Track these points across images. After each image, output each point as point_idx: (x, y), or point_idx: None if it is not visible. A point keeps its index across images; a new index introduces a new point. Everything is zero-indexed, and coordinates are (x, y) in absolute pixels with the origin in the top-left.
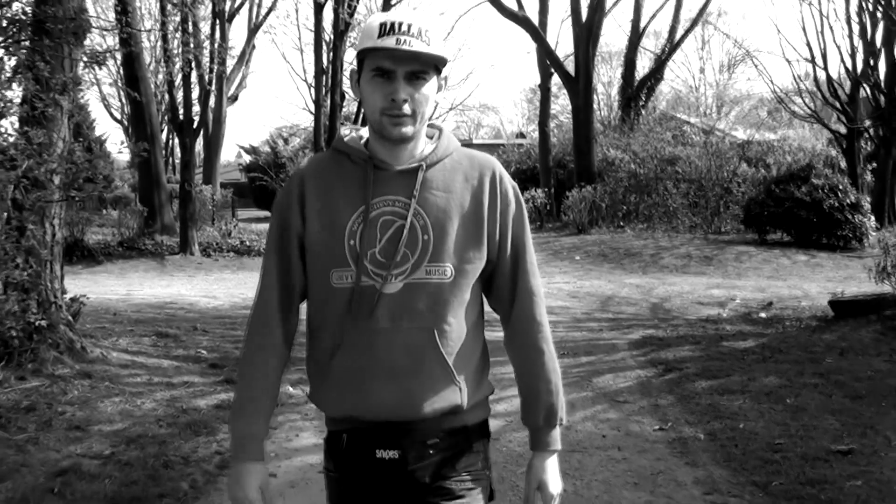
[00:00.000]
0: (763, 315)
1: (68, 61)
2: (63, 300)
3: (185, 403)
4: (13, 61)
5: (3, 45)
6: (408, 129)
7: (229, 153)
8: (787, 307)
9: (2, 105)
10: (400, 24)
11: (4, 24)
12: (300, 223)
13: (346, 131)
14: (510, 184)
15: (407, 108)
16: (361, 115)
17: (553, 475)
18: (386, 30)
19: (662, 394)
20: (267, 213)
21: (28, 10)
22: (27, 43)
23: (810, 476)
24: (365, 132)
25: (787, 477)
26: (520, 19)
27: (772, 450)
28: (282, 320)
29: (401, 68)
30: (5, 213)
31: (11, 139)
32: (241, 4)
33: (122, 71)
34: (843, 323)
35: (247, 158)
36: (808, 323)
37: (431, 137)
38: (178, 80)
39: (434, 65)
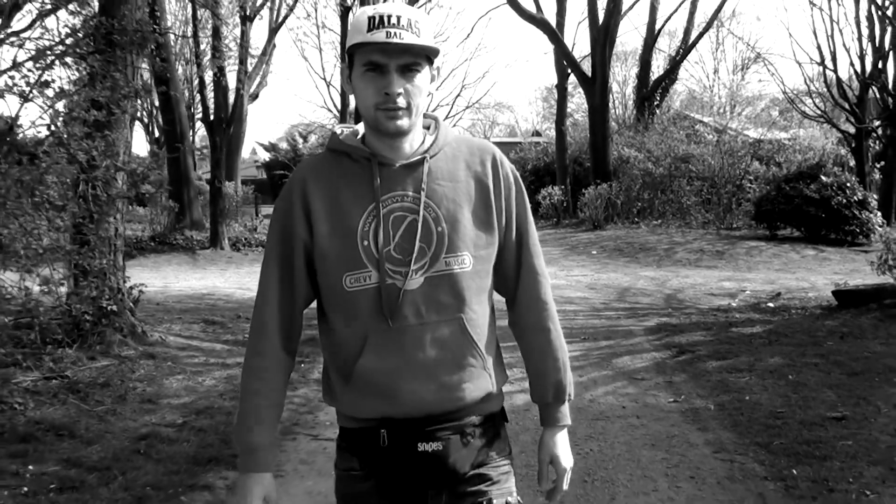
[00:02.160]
0: (771, 305)
1: (131, 69)
2: (126, 288)
3: None
4: (82, 70)
5: (79, 54)
6: (403, 122)
7: (245, 150)
8: (794, 297)
9: (79, 111)
10: (389, 17)
11: (81, 35)
12: (305, 229)
13: (338, 130)
14: (510, 167)
15: (401, 101)
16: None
17: (564, 449)
18: (375, 23)
19: (676, 372)
20: None
21: (98, 21)
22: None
23: (807, 437)
24: (360, 128)
25: (787, 438)
26: (538, 21)
27: (773, 417)
28: (282, 331)
29: (393, 61)
30: (79, 208)
31: (90, 143)
32: (262, 5)
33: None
34: (845, 311)
35: (263, 155)
36: (813, 311)
37: (428, 128)
38: (209, 80)
39: (426, 55)
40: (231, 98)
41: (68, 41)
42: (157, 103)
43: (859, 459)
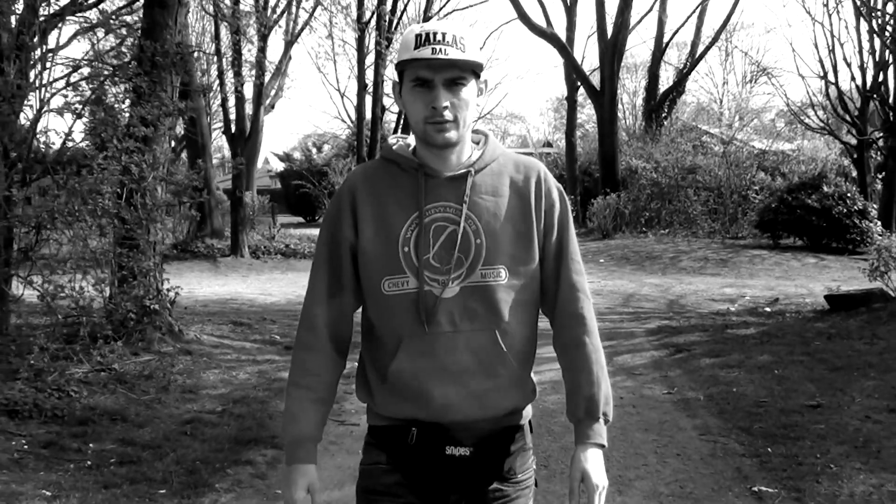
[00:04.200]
0: (768, 309)
1: (170, 88)
2: (164, 290)
3: (272, 375)
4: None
5: (128, 75)
6: (451, 135)
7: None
8: (791, 303)
9: (126, 127)
10: (435, 34)
11: (127, 57)
12: (352, 232)
13: (392, 140)
14: (554, 184)
15: (448, 115)
16: (402, 124)
17: (596, 467)
18: (422, 41)
19: (672, 369)
20: (301, 220)
21: (143, 44)
22: (144, 76)
23: (784, 422)
24: (412, 140)
25: (766, 423)
26: (548, 36)
27: (756, 405)
28: (331, 329)
29: (439, 76)
30: (130, 215)
31: (140, 156)
32: (279, 18)
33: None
34: (836, 314)
35: (276, 166)
36: (806, 315)
37: (477, 143)
38: (229, 94)
39: (471, 70)
40: (249, 110)
41: (112, 62)
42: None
43: (828, 440)
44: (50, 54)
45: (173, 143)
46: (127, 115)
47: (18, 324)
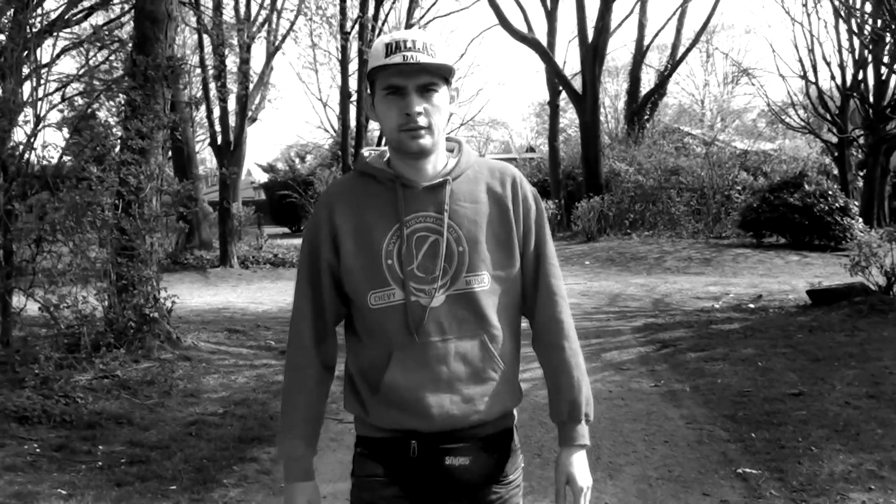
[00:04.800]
0: (752, 306)
1: (162, 101)
2: (162, 298)
3: (270, 378)
4: (118, 101)
5: (124, 89)
6: (426, 141)
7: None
8: (774, 299)
9: (122, 140)
10: (405, 42)
11: (120, 72)
12: (330, 250)
13: (366, 152)
14: (530, 189)
15: (422, 121)
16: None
17: (581, 469)
18: (392, 49)
19: (658, 363)
20: (286, 230)
21: (135, 58)
22: (139, 89)
23: (767, 410)
24: (387, 151)
25: (750, 411)
26: (529, 41)
27: (740, 395)
28: (317, 346)
29: (411, 82)
30: (130, 226)
31: (137, 168)
32: (260, 28)
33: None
34: (817, 309)
35: (259, 176)
36: (789, 310)
37: (452, 151)
38: (215, 106)
39: (442, 75)
40: (233, 122)
41: (103, 76)
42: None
43: (810, 425)
44: (44, 70)
45: (170, 154)
46: (119, 129)
47: (21, 335)
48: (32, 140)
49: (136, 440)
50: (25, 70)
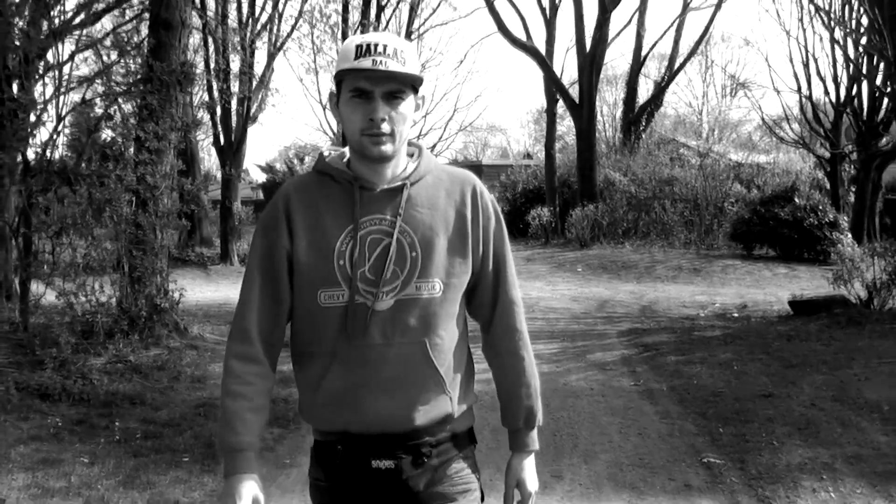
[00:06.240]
0: (735, 314)
1: (176, 104)
2: (170, 290)
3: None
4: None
5: (141, 93)
6: (387, 148)
7: None
8: (758, 309)
9: (139, 140)
10: (376, 45)
11: (139, 76)
12: (288, 241)
13: (326, 152)
14: (489, 198)
15: (386, 128)
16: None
17: (531, 474)
18: (362, 51)
19: (639, 364)
20: None
21: (152, 63)
22: (155, 94)
23: (737, 408)
24: (347, 152)
25: (720, 409)
26: (528, 49)
27: (713, 395)
28: (263, 338)
29: (378, 88)
30: (146, 221)
31: (154, 167)
32: (261, 31)
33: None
34: (798, 319)
35: (257, 176)
36: (771, 319)
37: (412, 156)
38: (218, 107)
39: (411, 84)
40: (234, 122)
41: (119, 80)
42: None
43: (775, 422)
44: (65, 74)
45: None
46: (136, 130)
47: (42, 322)
48: (55, 138)
49: (149, 418)
50: (41, 70)
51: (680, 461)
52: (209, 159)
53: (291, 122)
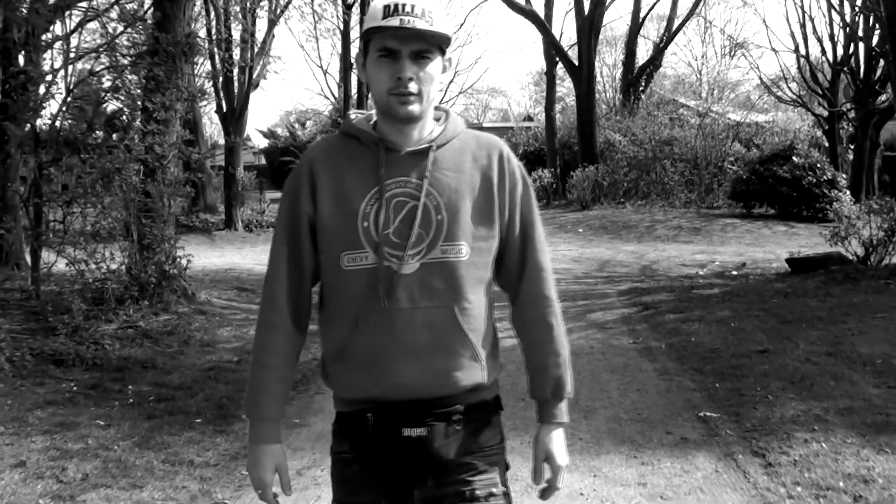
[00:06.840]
0: (734, 273)
1: (182, 74)
2: (178, 256)
3: None
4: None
5: (149, 65)
6: (414, 108)
7: None
8: (757, 267)
9: (147, 110)
10: (403, 5)
11: (144, 49)
12: (311, 205)
13: (352, 114)
14: (517, 163)
15: (413, 87)
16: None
17: (560, 447)
18: (390, 11)
19: (639, 323)
20: None
21: (158, 35)
22: (161, 66)
23: (733, 364)
24: (374, 114)
25: (717, 365)
26: (527, 13)
27: (710, 352)
28: (292, 306)
29: (406, 47)
30: (155, 190)
31: (161, 137)
32: None
33: None
34: (795, 276)
35: (259, 142)
36: (769, 277)
37: (438, 119)
38: (221, 74)
39: (438, 45)
40: (236, 89)
41: (124, 52)
42: None
43: (770, 377)
44: (73, 45)
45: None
46: (143, 101)
47: (54, 289)
48: (63, 109)
49: (161, 382)
50: (46, 40)
51: (677, 416)
52: (211, 125)
53: (293, 87)
